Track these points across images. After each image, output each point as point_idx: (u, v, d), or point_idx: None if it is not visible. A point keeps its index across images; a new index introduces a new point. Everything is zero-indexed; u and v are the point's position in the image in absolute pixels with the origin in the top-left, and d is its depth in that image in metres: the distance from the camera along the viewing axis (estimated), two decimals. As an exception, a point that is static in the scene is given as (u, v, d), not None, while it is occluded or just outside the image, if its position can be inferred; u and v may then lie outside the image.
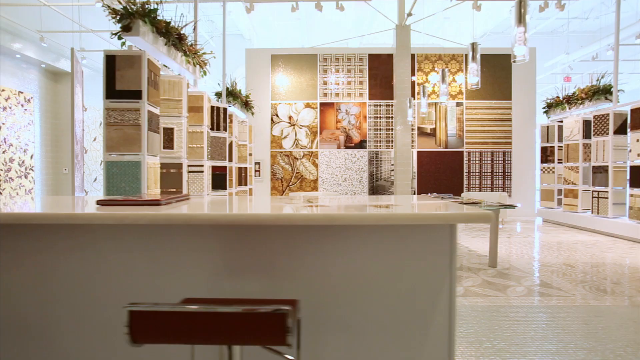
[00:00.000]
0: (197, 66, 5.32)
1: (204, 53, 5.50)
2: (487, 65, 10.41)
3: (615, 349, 2.64)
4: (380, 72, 10.41)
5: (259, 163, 10.40)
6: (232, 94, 7.73)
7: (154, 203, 1.56)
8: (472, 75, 4.65)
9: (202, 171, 5.62)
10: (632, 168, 6.70)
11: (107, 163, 3.68)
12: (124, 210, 1.34)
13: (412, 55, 10.34)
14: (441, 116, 10.45)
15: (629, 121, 6.90)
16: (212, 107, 6.41)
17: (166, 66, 5.08)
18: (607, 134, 7.40)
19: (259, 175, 10.40)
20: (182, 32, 4.72)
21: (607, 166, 7.40)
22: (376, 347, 1.50)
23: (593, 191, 7.78)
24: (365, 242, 1.49)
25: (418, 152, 10.39)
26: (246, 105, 8.52)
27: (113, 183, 3.70)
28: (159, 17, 4.24)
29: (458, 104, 10.46)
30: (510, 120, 10.50)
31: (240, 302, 1.15)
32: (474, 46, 4.65)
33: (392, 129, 10.44)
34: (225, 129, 6.62)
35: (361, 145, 10.38)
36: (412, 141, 10.37)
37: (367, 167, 10.36)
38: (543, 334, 2.91)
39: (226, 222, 1.25)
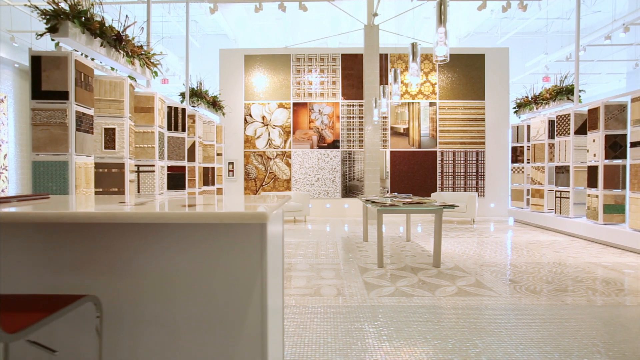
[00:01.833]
0: (146, 67, 5.34)
1: (154, 54, 5.52)
2: (460, 66, 10.43)
3: (506, 347, 2.67)
4: (353, 72, 10.42)
5: (232, 163, 10.44)
6: (197, 94, 7.75)
7: (-21, 203, 1.58)
8: (413, 76, 4.68)
9: (154, 171, 5.66)
10: (590, 168, 6.72)
11: (33, 163, 3.71)
12: None
13: (385, 55, 10.36)
14: (414, 116, 10.47)
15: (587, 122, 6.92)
16: (170, 108, 6.44)
17: (113, 68, 5.11)
18: (569, 134, 7.42)
19: (233, 175, 10.44)
20: (125, 33, 4.74)
21: (569, 166, 7.42)
22: (190, 344, 1.53)
23: (556, 191, 7.80)
24: (179, 240, 1.52)
25: (391, 152, 10.41)
26: (214, 105, 8.54)
27: (40, 183, 3.73)
28: (96, 18, 4.28)
29: (431, 104, 10.48)
30: (483, 120, 10.52)
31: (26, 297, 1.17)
32: (413, 47, 4.68)
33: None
34: (183, 129, 6.66)
35: (334, 145, 10.40)
36: (385, 141, 10.39)
37: (340, 167, 10.38)
38: (446, 333, 2.93)
39: (12, 221, 1.28)
